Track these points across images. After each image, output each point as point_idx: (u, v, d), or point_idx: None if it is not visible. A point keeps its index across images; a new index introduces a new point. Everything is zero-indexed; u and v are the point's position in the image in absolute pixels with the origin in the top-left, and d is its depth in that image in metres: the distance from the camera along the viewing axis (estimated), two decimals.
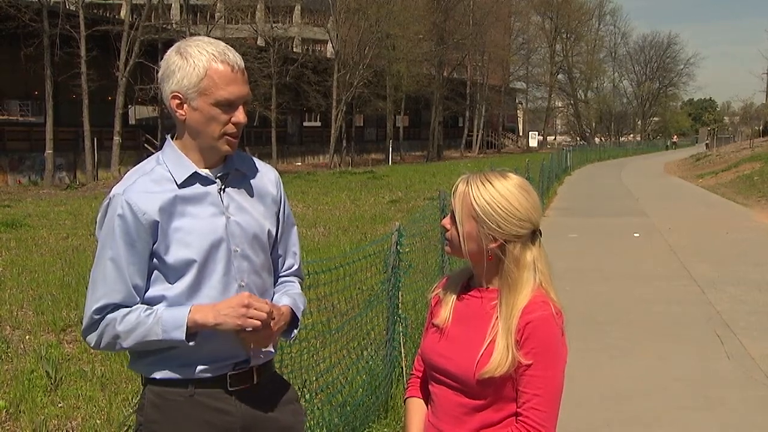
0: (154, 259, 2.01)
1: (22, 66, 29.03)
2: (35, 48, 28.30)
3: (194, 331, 1.96)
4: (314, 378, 4.02)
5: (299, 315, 2.17)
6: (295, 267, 2.28)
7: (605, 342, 6.67)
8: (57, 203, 20.25)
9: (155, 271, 2.02)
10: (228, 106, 2.00)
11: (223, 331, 1.98)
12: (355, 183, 27.23)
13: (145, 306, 2.00)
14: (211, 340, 2.03)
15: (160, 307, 1.99)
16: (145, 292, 2.02)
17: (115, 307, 1.99)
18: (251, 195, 2.14)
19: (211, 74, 1.97)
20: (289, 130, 49.39)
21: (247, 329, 1.97)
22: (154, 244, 2.00)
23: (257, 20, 46.33)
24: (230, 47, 2.03)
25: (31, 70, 29.03)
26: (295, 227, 2.32)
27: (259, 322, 1.97)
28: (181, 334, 1.94)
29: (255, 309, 1.96)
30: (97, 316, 2.00)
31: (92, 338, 2.03)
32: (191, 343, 1.97)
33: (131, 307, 2.01)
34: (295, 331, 2.19)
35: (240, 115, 2.03)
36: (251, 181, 2.15)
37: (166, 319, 1.95)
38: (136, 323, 1.96)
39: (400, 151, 54.30)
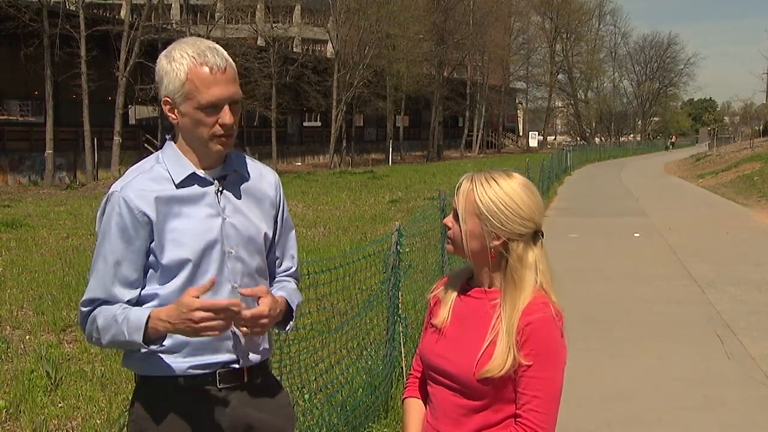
0: (150, 257, 2.01)
1: (22, 66, 29.01)
2: (35, 48, 28.27)
3: (155, 336, 1.94)
4: (314, 378, 4.02)
5: (294, 307, 2.16)
6: (292, 269, 2.27)
7: (605, 342, 6.67)
8: (57, 203, 20.25)
9: (150, 270, 2.03)
10: (212, 108, 1.97)
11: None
12: (355, 183, 27.23)
13: (124, 306, 1.99)
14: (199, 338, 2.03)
15: (132, 308, 1.98)
16: (142, 288, 2.03)
17: (103, 302, 2.01)
18: (249, 197, 2.13)
19: (191, 78, 1.95)
20: (289, 130, 49.38)
21: (207, 333, 1.90)
22: (151, 243, 2.00)
23: (257, 20, 46.29)
24: (213, 47, 1.99)
25: (31, 70, 29.00)
26: (294, 231, 2.30)
27: (216, 329, 1.89)
28: (138, 337, 1.92)
29: (201, 314, 1.86)
30: (84, 309, 2.03)
31: (85, 331, 2.06)
32: (152, 347, 1.95)
33: (118, 303, 2.01)
34: (291, 323, 2.18)
35: (226, 116, 1.99)
36: (250, 183, 2.14)
37: (131, 320, 1.94)
38: (112, 320, 1.96)
39: (400, 151, 54.29)
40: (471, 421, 1.89)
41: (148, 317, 1.92)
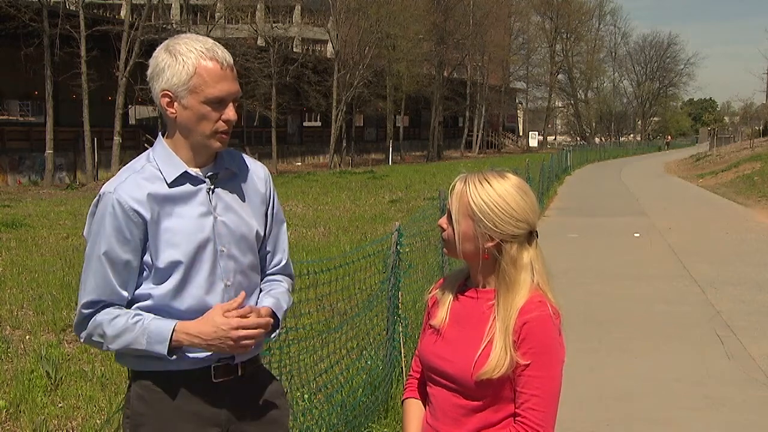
0: (145, 257, 2.02)
1: (22, 66, 29.01)
2: (35, 48, 28.27)
3: (177, 347, 1.99)
4: (313, 377, 4.02)
5: (280, 315, 2.16)
6: (283, 263, 2.27)
7: (605, 342, 6.67)
8: (57, 203, 20.26)
9: (144, 270, 2.03)
10: (218, 103, 2.00)
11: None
12: (355, 183, 27.24)
13: (134, 312, 2.01)
14: None
15: (147, 316, 2.00)
16: (136, 288, 2.03)
17: (105, 304, 2.01)
18: (240, 194, 2.14)
19: (200, 72, 1.97)
20: (289, 130, 49.37)
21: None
22: (146, 243, 2.00)
23: (257, 20, 46.25)
24: (218, 44, 2.03)
25: (31, 70, 29.03)
26: (285, 225, 2.31)
27: (252, 341, 2.00)
28: (163, 349, 1.97)
29: (240, 333, 1.97)
30: (86, 311, 2.02)
31: (82, 335, 2.06)
32: (173, 358, 1.99)
33: (120, 304, 2.02)
34: (276, 332, 2.18)
35: (230, 113, 2.02)
36: (241, 180, 2.15)
37: (152, 331, 1.97)
38: (124, 329, 1.98)
39: (400, 151, 54.29)
40: (471, 421, 1.89)
41: (173, 330, 1.96)
